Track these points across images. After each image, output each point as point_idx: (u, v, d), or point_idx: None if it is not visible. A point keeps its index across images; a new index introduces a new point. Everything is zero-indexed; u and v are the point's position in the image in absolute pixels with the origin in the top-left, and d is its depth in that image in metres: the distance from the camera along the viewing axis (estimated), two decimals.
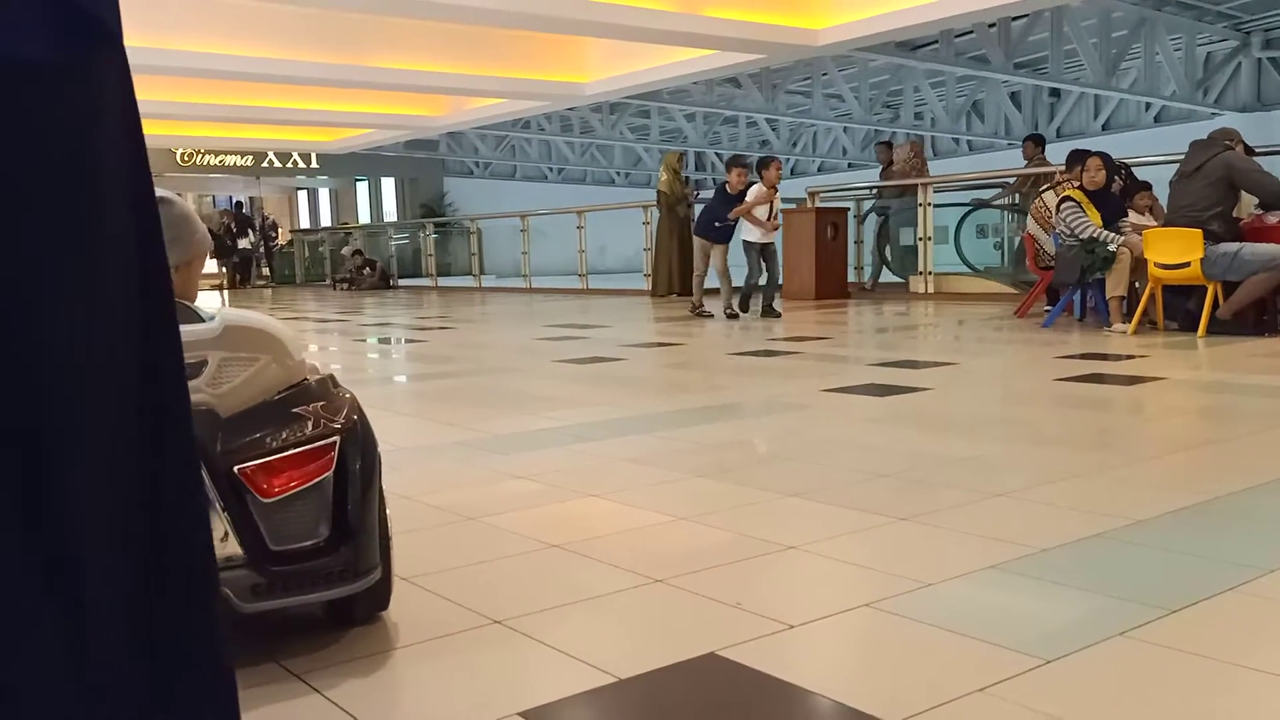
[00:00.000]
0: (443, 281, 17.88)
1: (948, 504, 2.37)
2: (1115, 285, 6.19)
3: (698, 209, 11.83)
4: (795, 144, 20.79)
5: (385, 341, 7.97)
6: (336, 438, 1.60)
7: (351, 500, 1.60)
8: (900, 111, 17.11)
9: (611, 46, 12.07)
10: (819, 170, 22.12)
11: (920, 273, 10.01)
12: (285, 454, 1.55)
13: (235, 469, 1.51)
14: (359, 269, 17.94)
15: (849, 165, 20.93)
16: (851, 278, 10.95)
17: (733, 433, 3.50)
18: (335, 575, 1.57)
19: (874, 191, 11.81)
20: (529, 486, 2.67)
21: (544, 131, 19.50)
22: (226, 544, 1.50)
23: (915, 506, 2.34)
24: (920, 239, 9.94)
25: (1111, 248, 6.16)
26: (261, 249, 20.83)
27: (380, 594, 1.69)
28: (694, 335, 7.44)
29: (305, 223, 28.86)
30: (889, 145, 10.99)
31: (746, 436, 3.42)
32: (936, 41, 12.61)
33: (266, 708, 1.40)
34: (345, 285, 17.93)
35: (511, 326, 8.90)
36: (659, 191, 11.78)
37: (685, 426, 3.54)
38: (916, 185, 10.14)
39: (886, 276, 11.31)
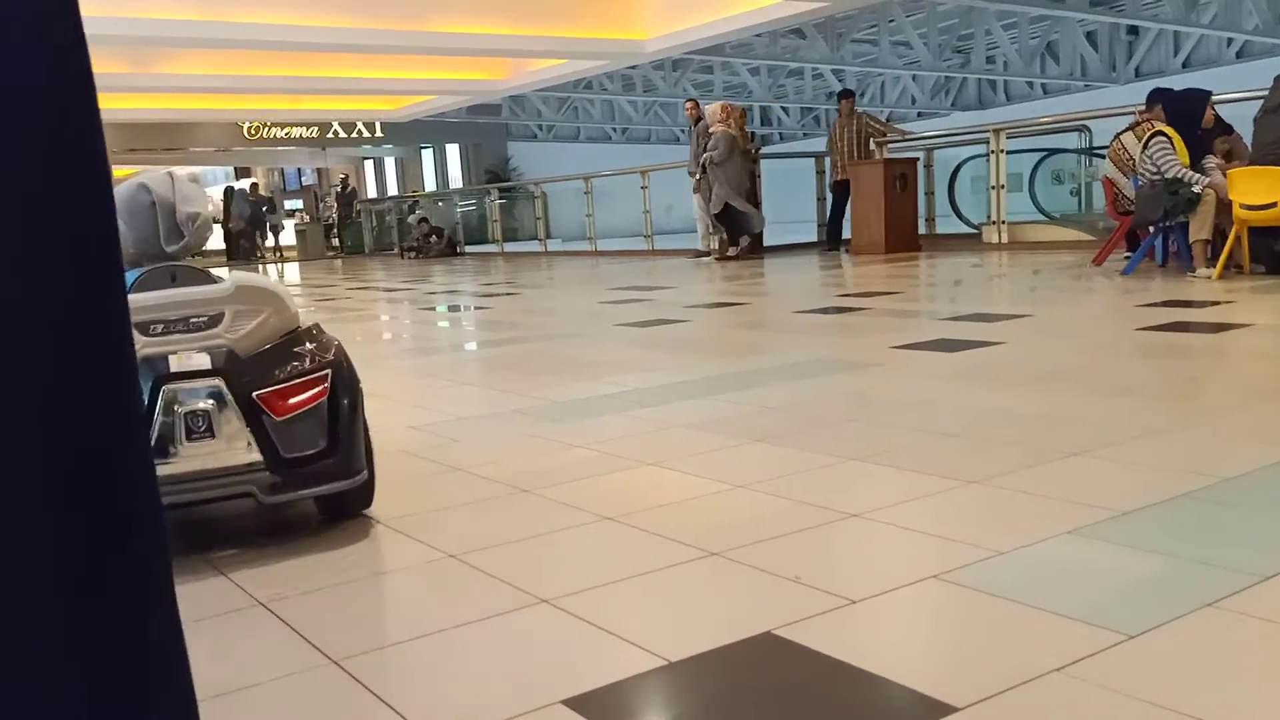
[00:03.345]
0: (509, 247, 17.89)
1: (1021, 465, 2.25)
2: (1199, 228, 5.90)
3: (763, 164, 11.66)
4: (863, 94, 20.26)
5: (451, 309, 7.98)
6: (329, 370, 2.05)
7: (341, 418, 2.04)
8: (970, 56, 16.57)
9: (671, 0, 11.86)
10: (888, 120, 21.61)
11: (991, 222, 9.71)
12: (291, 383, 1.98)
13: (254, 395, 1.93)
14: (425, 237, 18.05)
15: (918, 115, 20.38)
16: (922, 229, 10.67)
17: (796, 395, 3.40)
18: (332, 475, 2.01)
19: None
20: (585, 455, 2.61)
21: (606, 91, 19.32)
22: (251, 451, 1.92)
23: (987, 468, 2.23)
24: (992, 187, 9.62)
25: (1196, 189, 5.87)
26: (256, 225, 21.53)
27: (366, 492, 2.13)
28: (760, 294, 7.31)
29: (372, 192, 29.14)
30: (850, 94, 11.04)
31: (810, 398, 3.32)
32: None
33: (300, 687, 1.36)
34: (412, 253, 18.06)
35: (576, 290, 8.85)
36: None
37: (747, 389, 3.44)
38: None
39: (950, 227, 10.99)
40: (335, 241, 21.53)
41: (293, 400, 1.97)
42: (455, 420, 3.26)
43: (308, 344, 2.08)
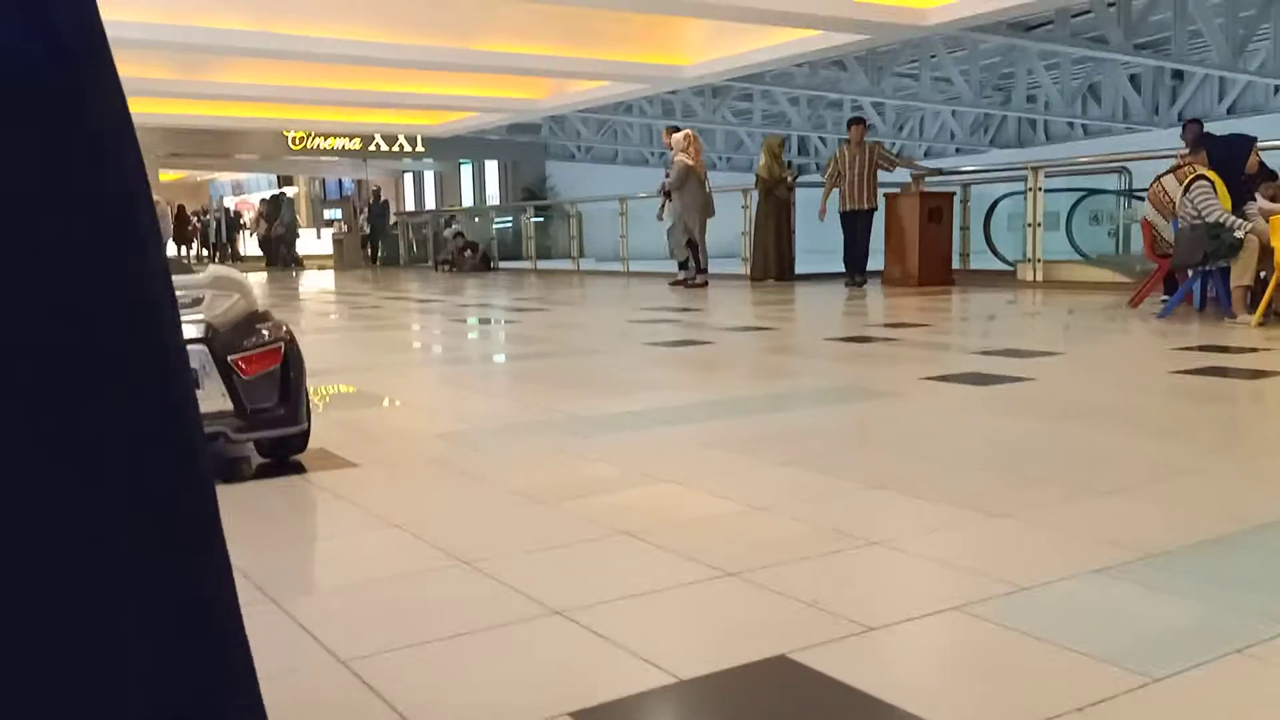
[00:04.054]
0: (542, 264, 17.96)
1: (1050, 500, 2.21)
2: (1241, 274, 5.81)
3: (799, 193, 11.65)
4: (901, 128, 20.25)
5: (482, 322, 8.00)
6: (282, 344, 2.61)
7: (291, 381, 2.61)
8: (1011, 94, 16.52)
9: (713, 27, 11.90)
10: (925, 155, 21.54)
11: (1026, 260, 9.63)
12: (255, 351, 2.55)
13: (229, 359, 2.50)
14: (460, 251, 18.15)
15: (956, 150, 20.32)
16: (956, 264, 10.60)
17: (822, 420, 3.36)
18: (283, 422, 2.59)
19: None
20: (606, 470, 2.59)
21: (645, 115, 19.41)
22: (225, 401, 2.49)
23: (1014, 502, 2.19)
24: (1029, 224, 9.55)
25: (1239, 234, 5.79)
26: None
27: (304, 440, 2.72)
28: (789, 320, 7.28)
29: (410, 205, 29.38)
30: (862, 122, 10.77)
31: (836, 424, 3.28)
32: (1052, 21, 12.06)
33: (308, 692, 1.35)
34: (447, 267, 18.17)
35: (606, 309, 8.85)
36: (758, 175, 11.59)
37: (773, 413, 3.41)
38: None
39: (984, 263, 10.91)
40: (367, 251, 21.70)
41: (256, 364, 2.54)
42: (479, 431, 3.25)
43: (266, 323, 2.66)
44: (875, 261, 10.39)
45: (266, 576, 1.80)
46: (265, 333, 2.60)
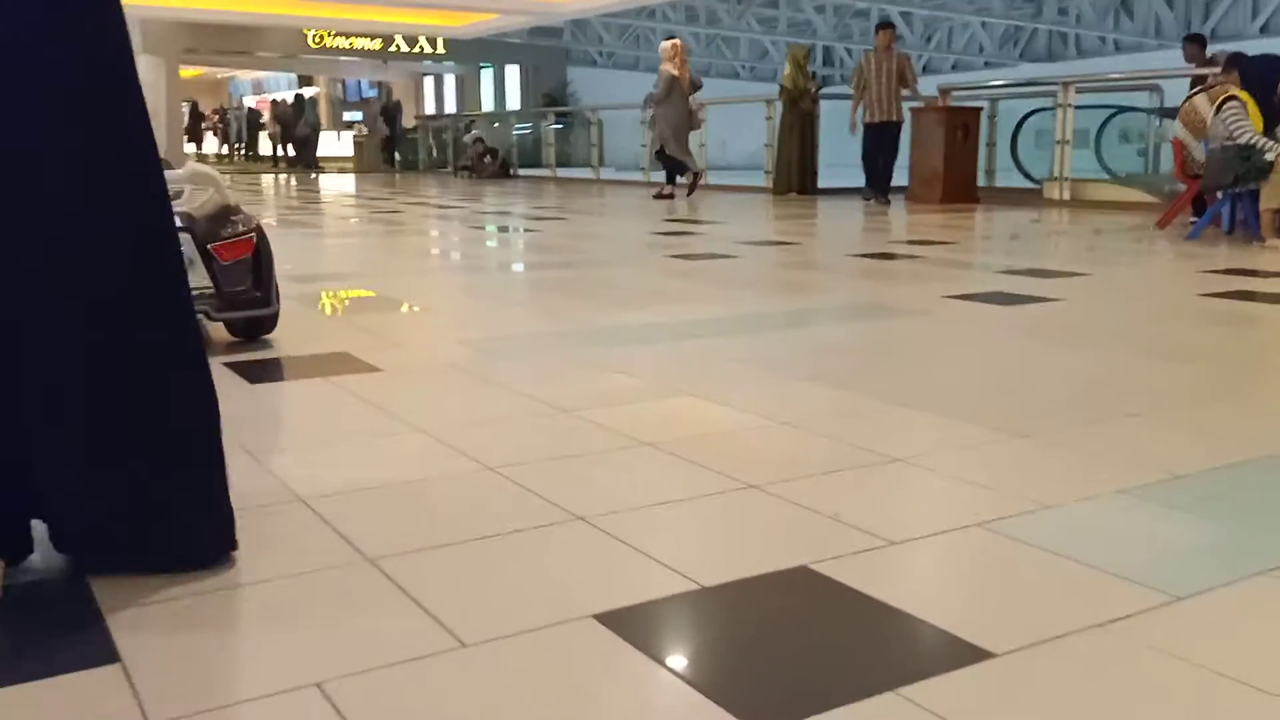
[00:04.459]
0: (562, 172, 17.77)
1: (1074, 421, 2.20)
2: (1270, 197, 5.69)
3: (823, 105, 11.42)
4: (929, 39, 19.74)
5: (501, 230, 7.95)
6: (254, 234, 2.91)
7: (262, 266, 2.93)
8: (1042, 6, 16.04)
9: None
10: (953, 68, 21.02)
11: (1054, 178, 9.46)
12: (231, 240, 2.84)
13: (208, 246, 2.78)
14: (480, 157, 17.96)
15: (985, 64, 19.82)
16: (981, 181, 10.42)
17: (844, 336, 3.35)
18: (256, 304, 2.91)
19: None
20: (627, 382, 2.59)
21: (669, 21, 18.98)
22: (206, 283, 2.76)
23: (1037, 422, 2.18)
24: (1058, 141, 9.36)
25: (1269, 156, 5.66)
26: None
27: (273, 321, 3.05)
28: (812, 235, 7.21)
29: (430, 109, 29.00)
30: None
31: (859, 341, 3.27)
32: None
33: (334, 581, 1.37)
34: (466, 173, 18.01)
35: (626, 220, 8.78)
36: (781, 86, 11.36)
37: (796, 328, 3.40)
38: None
39: (1010, 180, 10.72)
40: (387, 155, 21.53)
41: (231, 252, 2.82)
42: (501, 339, 3.26)
43: (239, 215, 2.94)
44: (899, 178, 10.20)
45: (292, 476, 1.82)
46: (239, 224, 2.89)
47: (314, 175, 19.59)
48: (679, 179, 11.25)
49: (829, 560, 1.45)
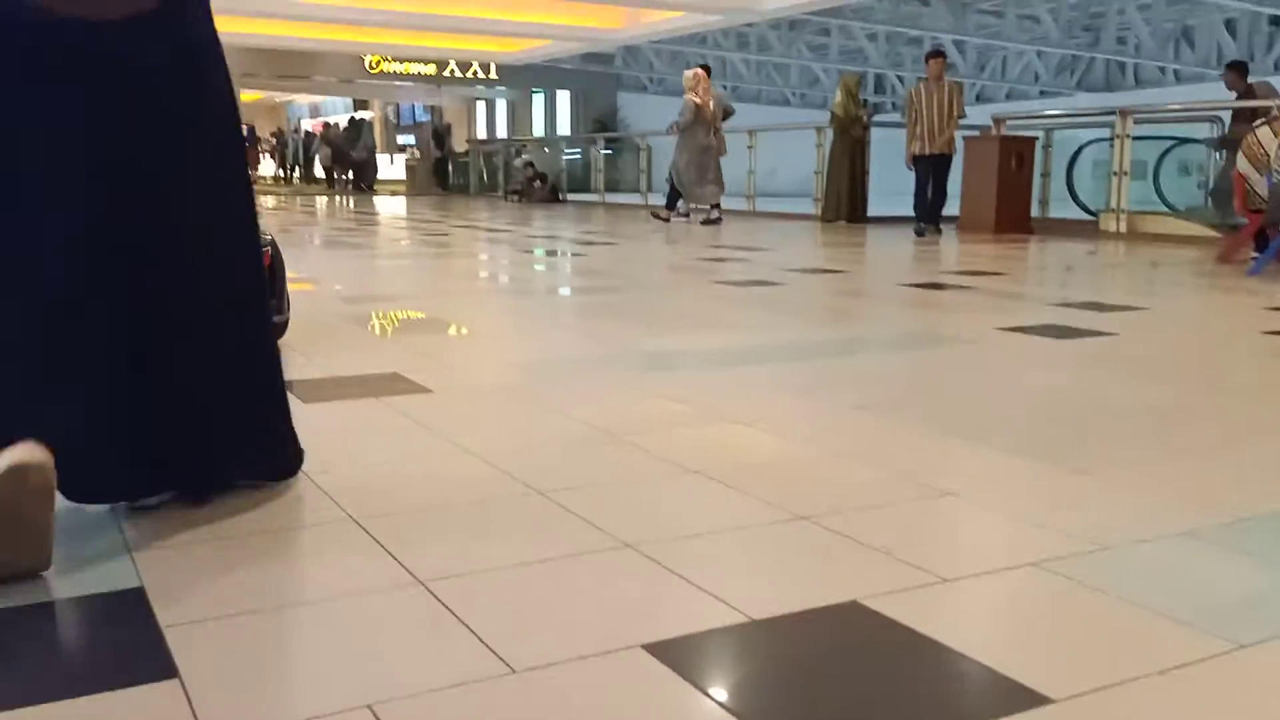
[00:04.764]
0: (610, 198, 17.88)
1: (1134, 458, 2.16)
2: None
3: (874, 132, 11.40)
4: (983, 68, 19.65)
5: (550, 253, 8.01)
6: (270, 246, 3.11)
7: (278, 276, 3.18)
8: (1100, 35, 15.90)
9: None
10: (1007, 97, 20.89)
11: (1110, 209, 9.34)
12: None
13: None
14: (530, 181, 18.14)
15: (1040, 93, 19.67)
16: (1035, 212, 10.31)
17: (895, 366, 3.32)
18: (275, 310, 2.98)
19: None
20: (675, 407, 2.59)
21: (720, 48, 19.09)
22: None
23: (1095, 458, 2.14)
24: (1114, 173, 9.25)
25: None
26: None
27: (285, 327, 3.25)
28: (860, 263, 7.18)
29: (482, 133, 29.34)
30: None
31: (910, 371, 3.24)
32: None
33: (386, 603, 1.38)
34: (515, 197, 18.18)
35: (674, 245, 8.80)
36: (832, 113, 11.36)
37: (845, 357, 3.38)
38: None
39: (1065, 211, 10.59)
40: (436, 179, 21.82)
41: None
42: (549, 362, 3.27)
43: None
44: (951, 207, 10.11)
45: (345, 495, 1.84)
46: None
47: (369, 197, 19.89)
48: (678, 206, 11.44)
49: (880, 596, 1.43)
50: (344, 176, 23.39)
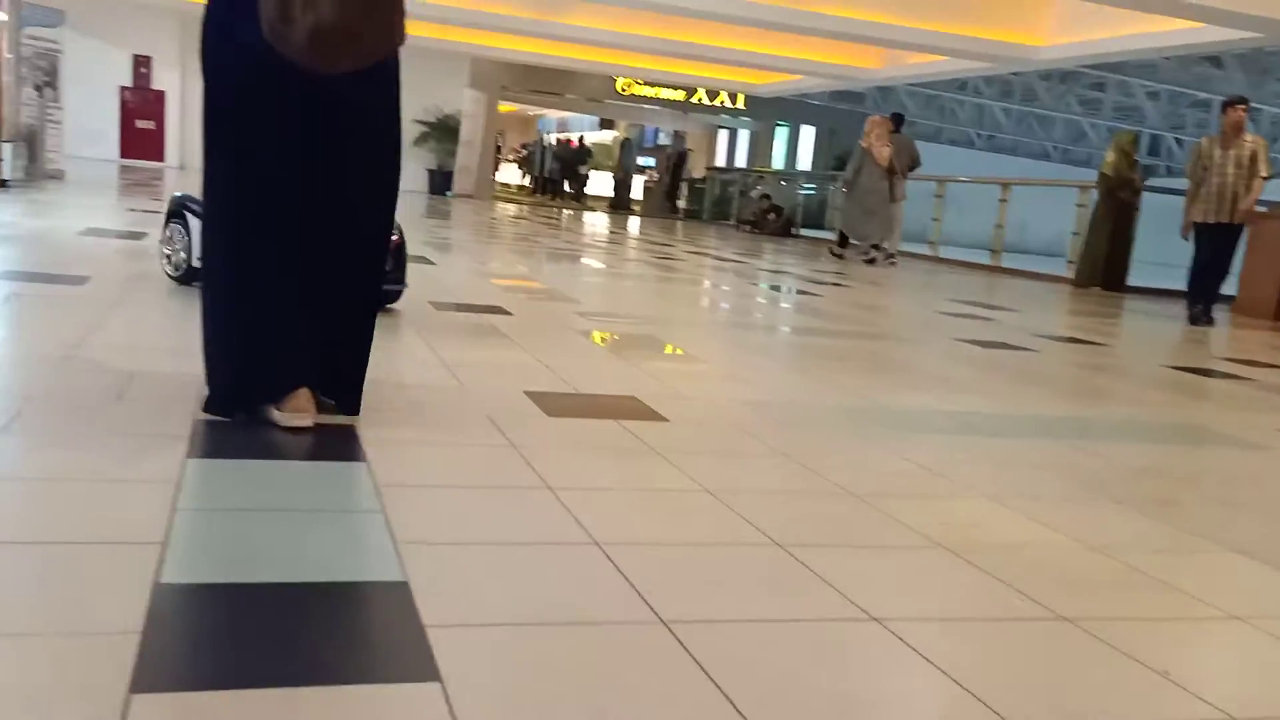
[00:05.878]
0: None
1: None
2: None
3: (1145, 197, 10.69)
4: (1278, 139, 18.12)
5: (781, 290, 7.95)
6: (399, 233, 3.89)
7: (402, 257, 4.10)
8: None
9: (1076, 7, 11.08)
10: None
11: None
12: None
13: None
14: (764, 213, 18.13)
15: None
16: None
17: (1158, 458, 3.05)
18: (396, 280, 4.02)
19: None
20: (918, 472, 2.47)
21: (980, 95, 18.50)
22: None
23: None
24: None
25: None
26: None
27: (399, 295, 4.11)
28: (1120, 337, 6.72)
29: (721, 161, 29.63)
30: None
31: (1175, 466, 2.97)
32: None
33: (628, 647, 1.35)
34: (748, 227, 18.22)
35: (911, 294, 8.54)
36: (1101, 173, 10.73)
37: (1100, 440, 3.14)
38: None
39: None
40: (669, 203, 22.24)
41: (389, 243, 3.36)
42: (782, 404, 3.21)
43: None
44: (1228, 286, 9.25)
45: (589, 517, 1.84)
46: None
47: (609, 215, 20.48)
48: (852, 242, 11.89)
49: None
50: (570, 190, 25.05)
